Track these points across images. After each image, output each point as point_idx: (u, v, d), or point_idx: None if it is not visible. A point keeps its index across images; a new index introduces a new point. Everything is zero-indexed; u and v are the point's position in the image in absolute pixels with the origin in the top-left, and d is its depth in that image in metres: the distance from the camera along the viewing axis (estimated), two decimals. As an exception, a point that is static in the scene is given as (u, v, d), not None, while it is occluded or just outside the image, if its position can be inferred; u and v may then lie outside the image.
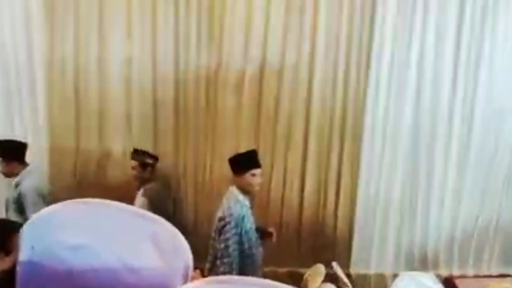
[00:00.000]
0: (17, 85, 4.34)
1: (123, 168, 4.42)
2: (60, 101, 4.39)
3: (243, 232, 3.43)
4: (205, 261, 3.49)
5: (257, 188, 3.61)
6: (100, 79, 4.38)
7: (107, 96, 4.41)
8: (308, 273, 3.61)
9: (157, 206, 3.92)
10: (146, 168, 4.13)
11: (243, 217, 3.43)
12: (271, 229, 3.84)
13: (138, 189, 4.14)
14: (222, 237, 3.37)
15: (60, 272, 1.36)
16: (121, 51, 4.38)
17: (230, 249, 3.38)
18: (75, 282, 1.35)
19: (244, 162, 3.51)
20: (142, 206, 3.90)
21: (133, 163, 4.14)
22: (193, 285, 1.13)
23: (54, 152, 4.44)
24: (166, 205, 4.26)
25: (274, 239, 3.81)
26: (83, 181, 4.47)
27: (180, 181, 4.54)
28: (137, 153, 4.16)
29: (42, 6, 4.25)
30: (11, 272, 1.28)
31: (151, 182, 4.16)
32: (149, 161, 4.14)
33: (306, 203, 4.56)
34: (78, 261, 1.36)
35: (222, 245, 3.38)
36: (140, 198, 4.03)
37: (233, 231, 3.38)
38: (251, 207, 3.60)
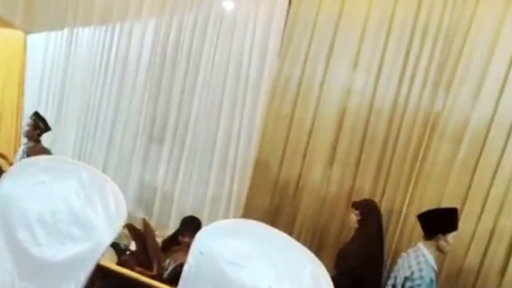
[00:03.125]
0: (242, 99, 4.74)
1: (318, 194, 4.49)
2: (275, 119, 4.65)
3: None
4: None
5: (447, 250, 3.30)
6: (317, 105, 4.51)
7: (320, 122, 4.51)
8: None
9: None
10: (35, 130, 4.75)
11: (431, 282, 3.15)
12: None
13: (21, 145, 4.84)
14: None
15: (217, 282, 1.44)
16: (343, 80, 4.45)
17: None
18: (227, 295, 1.42)
19: (438, 224, 3.21)
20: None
21: (29, 121, 4.80)
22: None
23: (259, 165, 4.69)
24: None
25: None
26: (278, 198, 4.65)
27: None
28: (35, 115, 4.81)
29: (281, 31, 4.57)
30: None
31: (36, 143, 4.77)
32: (42, 125, 4.78)
33: (508, 280, 3.99)
34: (234, 276, 1.42)
35: None
36: (20, 154, 4.65)
37: None
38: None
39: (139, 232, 2.61)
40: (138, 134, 5.10)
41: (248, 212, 4.53)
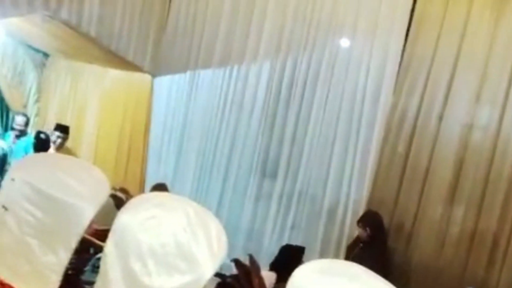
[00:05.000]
0: (355, 136, 4.67)
1: (436, 235, 4.24)
2: (390, 156, 4.52)
3: None
4: None
5: None
6: (435, 141, 4.32)
7: (438, 159, 4.30)
8: None
9: None
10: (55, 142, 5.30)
11: None
12: None
13: None
14: None
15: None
16: (464, 115, 4.24)
17: None
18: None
19: None
20: None
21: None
22: None
23: (372, 203, 4.54)
24: None
25: None
26: (392, 238, 4.44)
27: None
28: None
29: (396, 69, 4.50)
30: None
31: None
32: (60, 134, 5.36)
33: None
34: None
35: None
36: None
37: None
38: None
39: (245, 267, 2.66)
40: (252, 170, 5.23)
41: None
